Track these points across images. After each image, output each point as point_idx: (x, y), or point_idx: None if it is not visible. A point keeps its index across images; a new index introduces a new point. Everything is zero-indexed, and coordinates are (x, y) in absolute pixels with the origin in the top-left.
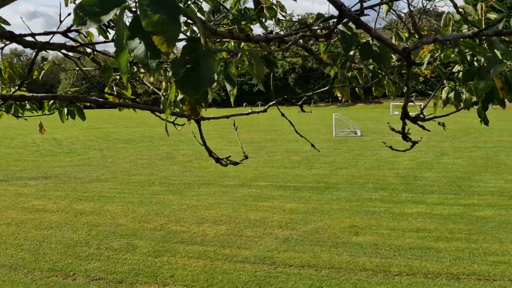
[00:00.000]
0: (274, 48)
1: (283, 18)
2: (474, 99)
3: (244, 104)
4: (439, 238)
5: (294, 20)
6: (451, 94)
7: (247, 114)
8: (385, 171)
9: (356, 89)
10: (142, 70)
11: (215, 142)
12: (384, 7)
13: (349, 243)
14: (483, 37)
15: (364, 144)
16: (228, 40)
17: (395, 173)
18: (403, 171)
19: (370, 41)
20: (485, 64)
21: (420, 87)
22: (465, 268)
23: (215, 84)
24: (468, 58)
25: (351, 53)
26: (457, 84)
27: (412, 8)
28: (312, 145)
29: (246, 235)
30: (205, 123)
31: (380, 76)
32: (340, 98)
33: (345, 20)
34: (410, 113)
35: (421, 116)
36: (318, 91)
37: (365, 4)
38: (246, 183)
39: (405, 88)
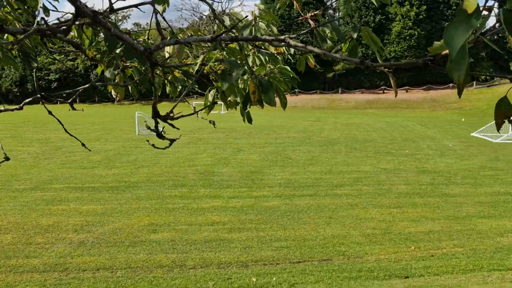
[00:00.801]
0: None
1: (54, 9)
2: (238, 99)
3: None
4: (232, 229)
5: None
6: (219, 95)
7: None
8: (186, 168)
9: (129, 87)
10: None
11: (5, 143)
12: (159, 8)
13: (147, 241)
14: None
15: (167, 142)
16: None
17: (195, 170)
18: (202, 168)
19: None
20: (227, 67)
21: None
22: (254, 255)
23: None
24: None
25: (117, 51)
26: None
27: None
28: (83, 145)
29: (36, 242)
30: None
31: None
32: (115, 97)
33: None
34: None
35: (171, 115)
36: (80, 88)
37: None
38: (39, 186)
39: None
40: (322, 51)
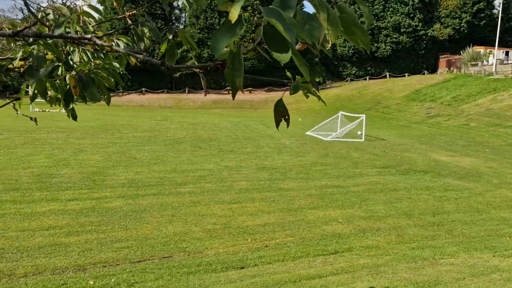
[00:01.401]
0: None
1: None
2: (59, 96)
3: None
4: (70, 233)
5: None
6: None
7: None
8: (19, 171)
9: None
10: None
11: None
12: None
13: None
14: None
15: None
16: None
17: (30, 172)
18: (38, 170)
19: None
20: (35, 63)
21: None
22: (92, 258)
23: None
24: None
25: None
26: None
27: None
28: None
29: None
30: None
31: None
32: None
33: None
34: None
35: None
36: None
37: None
38: None
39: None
40: (126, 51)
